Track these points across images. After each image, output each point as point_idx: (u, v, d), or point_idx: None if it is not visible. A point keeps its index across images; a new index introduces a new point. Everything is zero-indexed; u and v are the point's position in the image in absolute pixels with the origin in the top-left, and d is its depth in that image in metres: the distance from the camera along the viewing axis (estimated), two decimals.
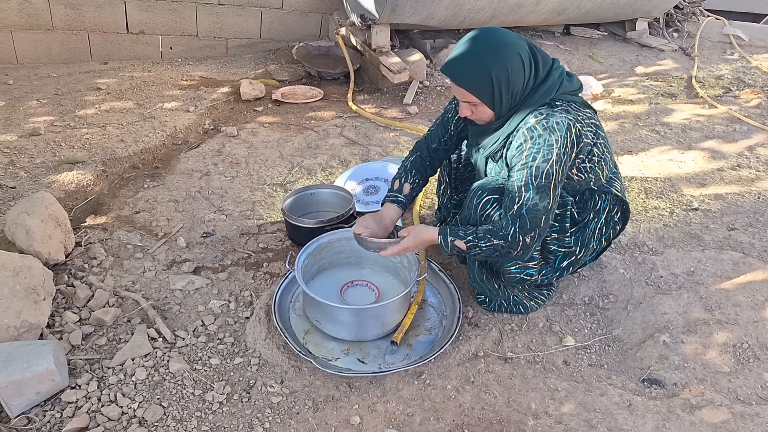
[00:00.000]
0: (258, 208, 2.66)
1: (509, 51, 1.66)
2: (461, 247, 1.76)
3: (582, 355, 1.95)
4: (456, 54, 1.70)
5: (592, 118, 1.82)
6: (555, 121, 1.67)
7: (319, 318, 1.97)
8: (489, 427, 1.66)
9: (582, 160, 1.80)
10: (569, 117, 1.69)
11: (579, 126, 1.71)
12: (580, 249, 1.93)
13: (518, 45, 1.68)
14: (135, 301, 2.09)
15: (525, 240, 1.70)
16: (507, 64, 1.65)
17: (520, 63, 1.67)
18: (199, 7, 4.28)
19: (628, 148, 3.21)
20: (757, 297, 2.10)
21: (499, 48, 1.66)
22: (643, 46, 4.72)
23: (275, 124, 3.45)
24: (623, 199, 1.94)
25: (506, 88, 1.68)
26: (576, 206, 1.91)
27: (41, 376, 1.66)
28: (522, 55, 1.67)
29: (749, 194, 2.77)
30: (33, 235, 2.11)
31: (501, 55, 1.65)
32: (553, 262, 1.94)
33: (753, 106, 3.74)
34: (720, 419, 1.67)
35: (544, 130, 1.66)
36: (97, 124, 3.23)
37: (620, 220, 2.00)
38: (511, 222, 1.69)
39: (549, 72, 1.74)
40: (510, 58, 1.65)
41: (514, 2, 3.86)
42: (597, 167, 1.84)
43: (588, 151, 1.80)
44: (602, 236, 1.97)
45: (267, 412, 1.71)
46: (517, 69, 1.67)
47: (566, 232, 1.89)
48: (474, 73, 1.67)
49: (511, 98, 1.71)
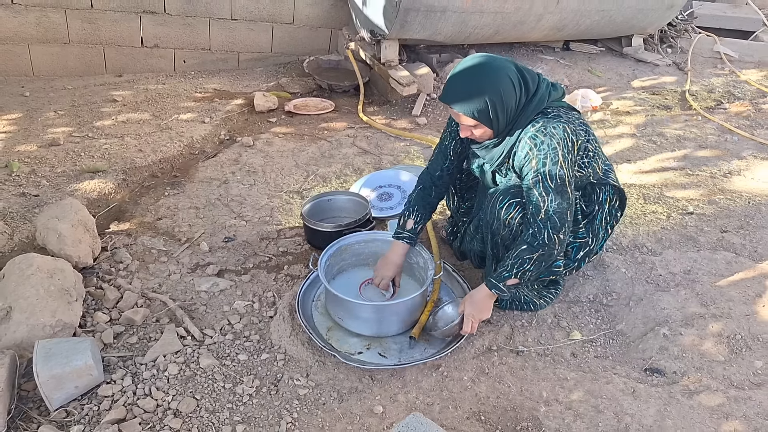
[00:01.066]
0: (276, 214, 2.77)
1: (499, 75, 1.80)
2: (514, 282, 1.88)
3: (588, 347, 2.07)
4: (451, 84, 1.84)
5: (580, 118, 1.96)
6: (552, 126, 1.81)
7: (342, 315, 2.08)
8: (504, 414, 1.78)
9: (581, 157, 1.94)
10: (562, 121, 1.83)
11: (572, 127, 1.85)
12: (591, 239, 2.09)
13: (506, 68, 1.82)
14: (162, 302, 2.17)
15: (559, 237, 1.83)
16: (499, 87, 1.79)
17: (510, 84, 1.80)
18: (213, 22, 4.39)
19: (626, 157, 3.33)
20: (748, 293, 2.21)
21: (489, 74, 1.80)
22: (639, 61, 4.86)
23: (289, 135, 3.55)
24: (619, 187, 2.10)
25: (501, 108, 1.81)
26: (582, 200, 2.06)
27: (80, 370, 1.72)
28: (511, 77, 1.81)
29: (740, 199, 2.87)
30: (64, 239, 2.19)
31: (492, 80, 1.79)
32: (571, 254, 2.08)
33: (742, 118, 3.88)
34: (716, 403, 1.78)
35: (545, 137, 1.80)
36: (115, 135, 3.30)
37: (619, 208, 2.15)
38: (543, 226, 1.82)
39: (537, 86, 1.87)
40: (500, 81, 1.79)
41: (517, 19, 4.00)
42: (593, 161, 1.98)
43: (584, 148, 1.94)
44: (608, 224, 2.13)
45: (295, 404, 1.80)
46: (509, 90, 1.80)
47: (579, 224, 2.06)
48: (470, 99, 1.80)
49: (507, 116, 1.84)
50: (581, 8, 4.17)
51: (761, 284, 2.24)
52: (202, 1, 4.28)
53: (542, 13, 4.04)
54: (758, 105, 4.09)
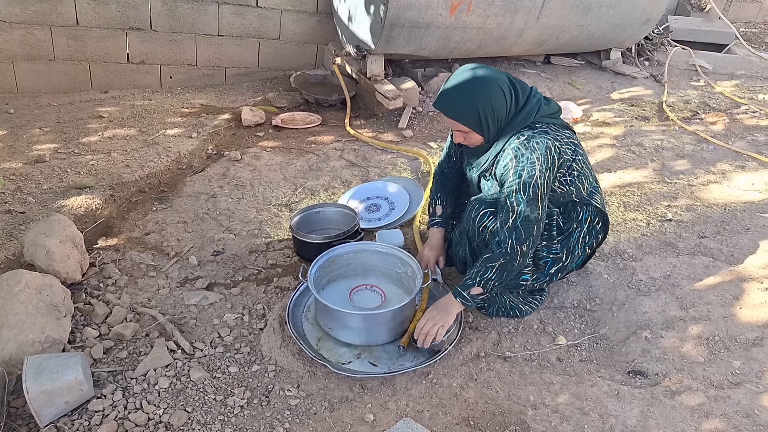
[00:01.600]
0: (265, 227, 2.79)
1: (491, 85, 1.88)
2: (479, 292, 1.94)
3: (573, 352, 2.11)
4: (446, 92, 1.93)
5: (571, 138, 2.02)
6: (535, 141, 1.87)
7: (332, 325, 2.10)
8: (492, 419, 1.81)
9: (563, 174, 2.00)
10: (548, 137, 1.90)
11: (557, 144, 1.91)
12: (566, 256, 2.11)
13: (498, 79, 1.90)
14: (152, 317, 2.18)
15: (522, 249, 1.88)
16: (490, 97, 1.87)
17: (501, 94, 1.89)
18: (199, 38, 4.42)
19: (607, 167, 3.41)
20: (725, 296, 2.27)
21: (481, 84, 1.88)
22: (618, 73, 4.97)
23: (277, 149, 3.58)
24: (603, 210, 2.13)
25: (491, 117, 1.89)
26: (561, 216, 2.10)
27: (70, 385, 1.72)
28: (503, 87, 1.89)
29: (717, 206, 2.95)
30: (52, 255, 2.18)
31: (484, 90, 1.88)
32: (544, 269, 2.11)
33: (718, 128, 3.99)
34: (696, 402, 1.83)
35: (526, 149, 1.86)
36: (102, 151, 3.30)
37: (602, 230, 2.18)
38: (508, 235, 1.88)
39: (527, 99, 1.95)
40: (492, 91, 1.88)
41: (498, 34, 4.09)
42: (577, 181, 2.04)
43: (568, 166, 2.00)
44: (585, 244, 2.15)
45: (286, 414, 1.81)
46: (499, 100, 1.88)
47: (553, 240, 2.08)
48: (462, 107, 1.89)
49: (497, 124, 1.92)
50: (561, 23, 4.28)
51: (738, 287, 2.31)
52: (188, 18, 4.32)
53: (523, 28, 4.14)
54: (733, 115, 4.20)
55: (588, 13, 4.29)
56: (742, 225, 2.76)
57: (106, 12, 4.11)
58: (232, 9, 4.39)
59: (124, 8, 4.14)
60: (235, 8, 4.39)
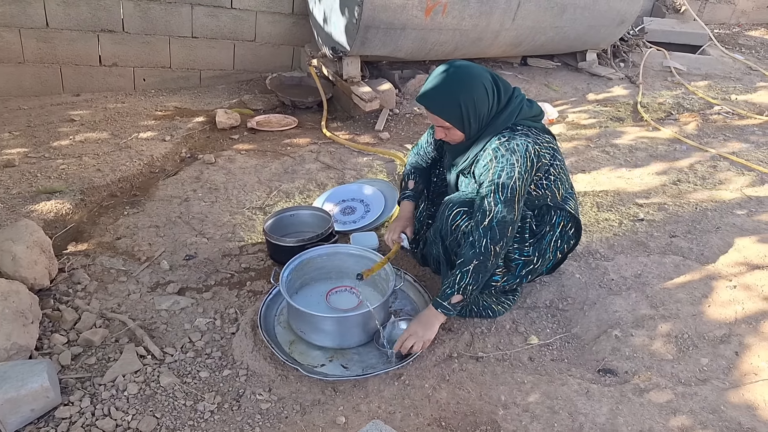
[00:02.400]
0: (239, 230, 2.77)
1: (474, 82, 1.89)
2: (459, 299, 1.93)
3: (545, 351, 2.12)
4: (429, 86, 1.93)
5: (551, 143, 2.04)
6: (516, 143, 1.88)
7: (304, 329, 2.09)
8: (464, 419, 1.81)
9: (539, 178, 2.01)
10: (528, 140, 1.91)
11: (537, 147, 1.92)
12: (537, 258, 2.12)
13: (482, 76, 1.91)
14: (122, 322, 2.15)
15: (495, 249, 1.89)
16: (473, 94, 1.88)
17: (484, 92, 1.89)
18: (173, 40, 4.38)
19: (581, 168, 3.44)
20: (695, 294, 2.30)
21: (465, 80, 1.89)
22: (594, 75, 5.02)
23: (252, 151, 3.56)
24: (576, 216, 2.15)
25: (473, 114, 1.90)
26: (534, 219, 2.11)
27: (36, 393, 1.70)
28: (486, 85, 1.90)
29: (688, 205, 2.98)
30: (19, 261, 2.15)
31: (467, 86, 1.88)
32: (515, 270, 2.12)
33: (691, 128, 4.05)
34: (665, 399, 1.85)
35: (506, 151, 1.87)
36: (73, 155, 3.26)
37: (574, 235, 2.20)
38: (483, 234, 1.88)
39: (510, 99, 1.96)
40: (475, 88, 1.88)
41: (475, 36, 4.11)
42: (553, 185, 2.05)
43: (545, 171, 2.01)
44: (557, 248, 2.17)
45: (257, 418, 1.81)
46: (482, 97, 1.89)
47: (525, 242, 2.09)
48: (445, 102, 1.90)
49: (478, 122, 1.93)
50: (536, 25, 4.31)
51: (707, 285, 2.34)
52: (161, 19, 4.28)
53: (499, 30, 4.17)
54: (706, 115, 4.27)
55: (563, 14, 4.33)
56: (713, 224, 2.80)
57: (76, 14, 4.06)
58: (206, 10, 4.36)
59: (96, 10, 4.09)
60: (209, 9, 4.36)
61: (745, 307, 2.20)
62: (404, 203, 2.37)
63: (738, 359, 2.01)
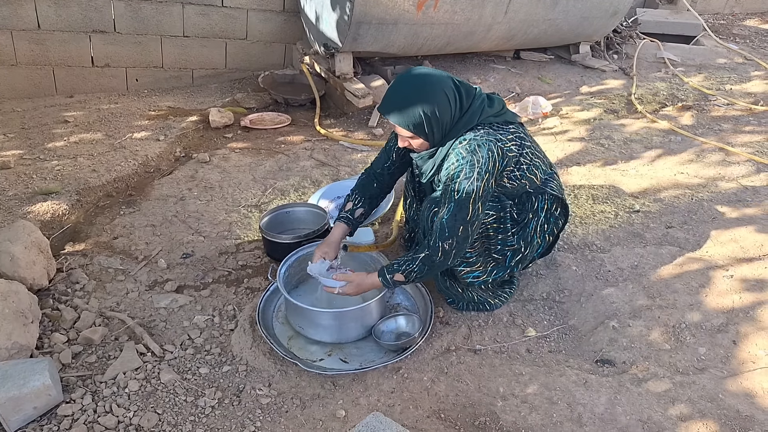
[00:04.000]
0: (235, 228, 2.78)
1: (435, 90, 1.86)
2: (401, 279, 1.95)
3: (542, 343, 2.14)
4: (389, 97, 1.91)
5: (516, 133, 2.00)
6: (477, 144, 1.87)
7: (302, 324, 2.10)
8: (463, 411, 1.83)
9: (511, 171, 1.99)
10: (490, 138, 1.89)
11: (500, 144, 1.91)
12: (525, 246, 2.12)
13: (443, 83, 1.88)
14: (121, 321, 2.16)
15: (444, 246, 1.88)
16: (434, 102, 1.85)
17: (446, 99, 1.87)
18: (164, 40, 4.37)
19: (576, 161, 3.45)
20: (691, 284, 2.31)
21: (425, 88, 1.86)
22: (587, 67, 5.02)
23: (246, 150, 3.56)
24: (560, 197, 2.14)
25: (435, 122, 1.88)
26: (515, 208, 2.10)
27: (38, 391, 1.72)
28: (447, 92, 1.87)
29: (683, 196, 2.99)
30: (18, 262, 2.16)
31: (428, 95, 1.85)
32: (503, 262, 2.13)
33: (686, 119, 4.06)
34: (663, 389, 1.87)
35: (468, 153, 1.86)
36: (68, 156, 3.26)
37: (561, 215, 2.19)
38: (434, 231, 1.90)
39: (471, 101, 1.94)
40: (436, 96, 1.86)
41: (467, 30, 4.11)
42: (528, 173, 2.03)
43: (515, 162, 1.99)
44: (544, 232, 2.16)
45: (257, 413, 1.82)
46: (444, 105, 1.87)
47: (508, 232, 2.09)
48: (406, 112, 1.86)
49: (441, 129, 1.91)
50: (529, 18, 4.31)
51: (704, 276, 2.35)
52: (152, 19, 4.27)
53: (491, 24, 4.17)
54: (700, 106, 4.28)
55: (556, 6, 4.33)
56: (709, 214, 2.81)
57: (68, 15, 4.05)
58: (197, 9, 4.35)
59: (87, 11, 4.08)
60: (200, 8, 4.35)
61: (742, 297, 2.22)
62: (336, 224, 2.24)
63: (735, 348, 2.02)
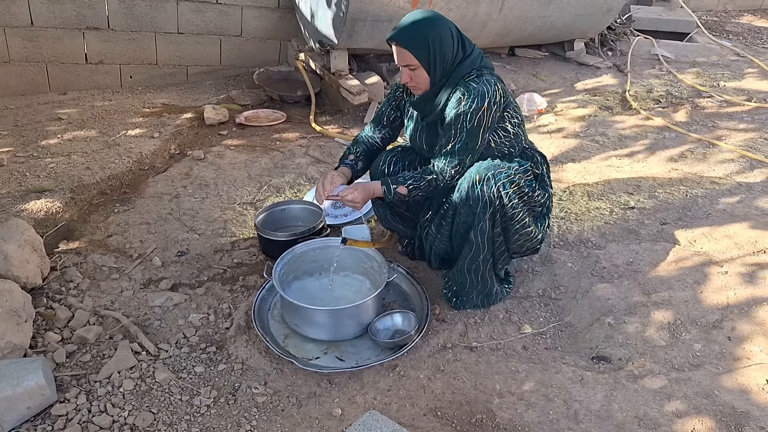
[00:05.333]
0: (230, 226, 2.77)
1: (441, 23, 2.01)
2: (403, 192, 2.09)
3: (538, 340, 2.14)
4: (401, 24, 2.04)
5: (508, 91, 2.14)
6: (485, 78, 2.00)
7: (298, 322, 2.10)
8: (459, 408, 1.82)
9: (512, 116, 2.10)
10: (495, 76, 2.03)
11: (503, 86, 2.04)
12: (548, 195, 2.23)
13: (448, 24, 2.03)
14: (115, 319, 2.16)
15: (451, 172, 2.05)
16: (440, 32, 1.98)
17: (450, 34, 2.00)
18: (159, 37, 4.34)
19: (571, 157, 3.45)
20: (687, 280, 2.31)
21: (434, 21, 2.01)
22: (581, 64, 5.03)
23: (241, 147, 3.55)
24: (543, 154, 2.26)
25: (439, 54, 1.99)
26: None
27: (32, 391, 1.71)
28: (451, 29, 2.03)
29: (678, 192, 3.00)
30: (11, 260, 2.15)
31: (435, 26, 1.99)
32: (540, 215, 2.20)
33: (680, 116, 4.07)
34: (659, 385, 1.87)
35: (477, 84, 1.99)
36: (61, 153, 3.24)
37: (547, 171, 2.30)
38: (444, 158, 2.04)
39: (472, 50, 2.07)
40: (442, 28, 2.00)
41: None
42: (522, 125, 2.16)
43: (514, 108, 2.12)
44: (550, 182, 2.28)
45: (253, 412, 1.82)
46: (448, 38, 2.00)
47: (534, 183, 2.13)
48: (414, 37, 1.99)
49: (444, 64, 2.02)
50: (524, 15, 4.31)
51: (699, 272, 2.36)
52: (146, 16, 4.24)
53: (486, 21, 4.16)
54: (694, 103, 4.29)
55: (550, 3, 4.33)
56: (703, 211, 2.82)
57: (61, 11, 4.02)
58: (191, 6, 4.32)
59: (80, 7, 4.05)
60: (195, 5, 4.33)
61: (737, 293, 2.23)
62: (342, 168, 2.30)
63: (731, 344, 2.03)
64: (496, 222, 2.05)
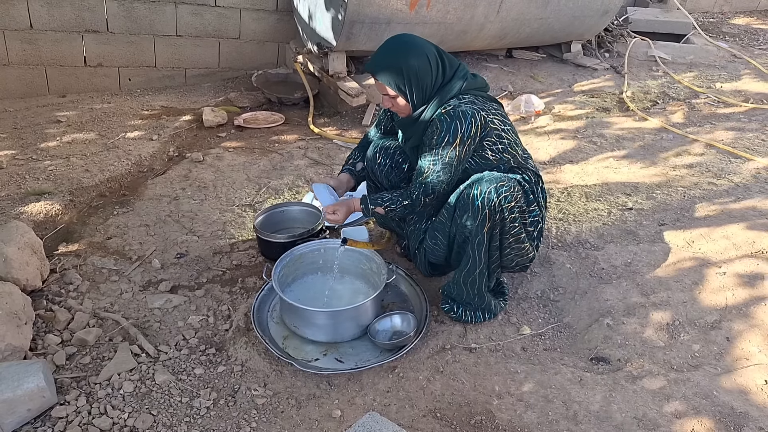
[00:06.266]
0: (229, 228, 2.77)
1: (416, 51, 1.98)
2: (380, 212, 2.13)
3: (537, 341, 2.15)
4: (376, 54, 2.03)
5: (498, 110, 2.11)
6: (461, 110, 1.96)
7: (297, 323, 2.10)
8: (458, 410, 1.83)
9: (493, 143, 2.07)
10: (474, 107, 1.98)
11: (484, 114, 2.00)
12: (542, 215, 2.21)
13: (426, 48, 2.01)
14: (115, 321, 2.15)
15: (425, 200, 2.07)
16: (416, 61, 1.97)
17: (427, 61, 1.98)
18: (157, 39, 4.35)
19: (569, 158, 3.46)
20: (685, 281, 2.32)
21: (408, 49, 1.99)
22: (579, 66, 5.04)
23: (240, 149, 3.55)
24: (538, 173, 2.22)
25: (416, 82, 1.98)
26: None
27: (32, 393, 1.71)
28: (429, 56, 1.99)
29: (676, 193, 3.00)
30: (11, 263, 2.15)
31: (411, 54, 1.97)
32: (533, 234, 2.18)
33: (677, 117, 4.09)
34: (658, 386, 1.88)
35: (451, 118, 1.96)
36: (61, 156, 3.25)
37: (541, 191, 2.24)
38: (418, 187, 2.05)
39: (455, 72, 2.05)
40: (418, 56, 1.98)
41: (460, 29, 4.11)
42: (509, 149, 2.11)
43: (497, 135, 2.07)
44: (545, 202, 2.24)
45: (253, 413, 1.82)
46: (424, 65, 1.98)
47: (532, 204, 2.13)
48: (389, 67, 1.98)
49: (422, 92, 2.01)
50: (521, 17, 4.32)
51: (697, 273, 2.36)
52: (145, 19, 4.25)
53: (483, 23, 4.17)
54: (691, 104, 4.30)
55: (547, 5, 4.35)
56: (701, 212, 2.82)
57: (60, 14, 4.02)
58: (190, 9, 4.33)
59: (80, 10, 4.05)
60: (193, 8, 4.34)
61: (735, 294, 2.23)
62: (344, 174, 2.46)
63: (729, 345, 2.04)
64: (494, 236, 2.04)
